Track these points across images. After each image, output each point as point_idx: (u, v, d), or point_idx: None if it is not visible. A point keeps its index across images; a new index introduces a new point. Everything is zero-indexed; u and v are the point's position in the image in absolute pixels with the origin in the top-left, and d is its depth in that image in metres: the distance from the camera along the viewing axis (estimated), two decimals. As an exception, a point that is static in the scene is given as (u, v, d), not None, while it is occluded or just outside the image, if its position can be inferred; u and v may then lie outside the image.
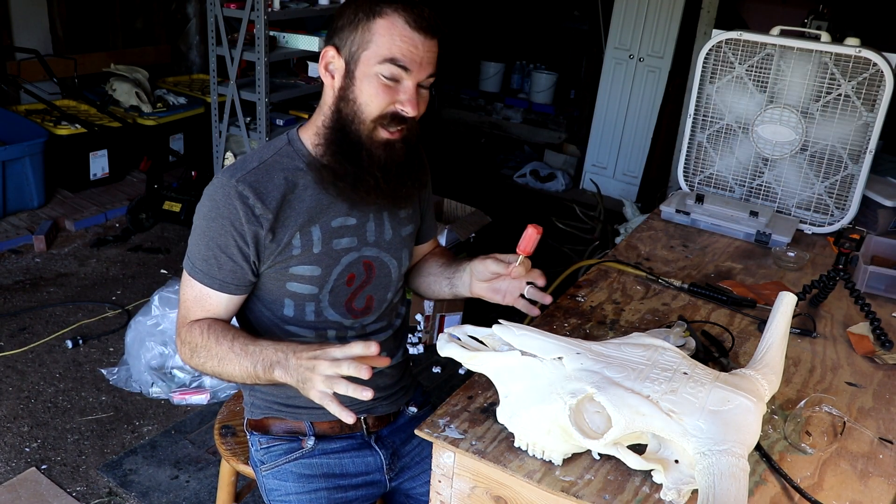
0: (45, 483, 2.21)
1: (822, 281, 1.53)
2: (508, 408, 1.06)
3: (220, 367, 1.19)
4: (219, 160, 3.48)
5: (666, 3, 4.65)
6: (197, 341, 1.21)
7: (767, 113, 1.97)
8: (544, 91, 6.16)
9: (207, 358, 1.20)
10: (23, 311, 3.10)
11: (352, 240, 1.29)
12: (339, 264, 1.29)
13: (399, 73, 1.18)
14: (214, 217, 1.21)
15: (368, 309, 1.36)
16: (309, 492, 1.36)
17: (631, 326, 1.44)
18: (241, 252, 1.21)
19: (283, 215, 1.23)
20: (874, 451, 1.12)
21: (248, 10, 3.09)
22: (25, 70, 4.27)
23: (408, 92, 1.19)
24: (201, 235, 1.22)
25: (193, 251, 1.24)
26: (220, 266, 1.22)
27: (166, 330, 2.69)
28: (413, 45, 1.17)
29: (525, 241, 1.24)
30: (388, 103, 1.19)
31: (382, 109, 1.20)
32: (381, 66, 1.17)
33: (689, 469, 0.96)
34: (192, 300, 1.25)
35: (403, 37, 1.16)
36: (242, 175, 1.21)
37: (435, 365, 2.94)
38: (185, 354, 1.24)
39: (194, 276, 1.23)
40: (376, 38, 1.17)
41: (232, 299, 1.25)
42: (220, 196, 1.21)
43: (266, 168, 1.24)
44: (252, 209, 1.20)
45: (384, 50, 1.17)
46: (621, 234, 3.77)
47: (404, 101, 1.19)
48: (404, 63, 1.17)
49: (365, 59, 1.18)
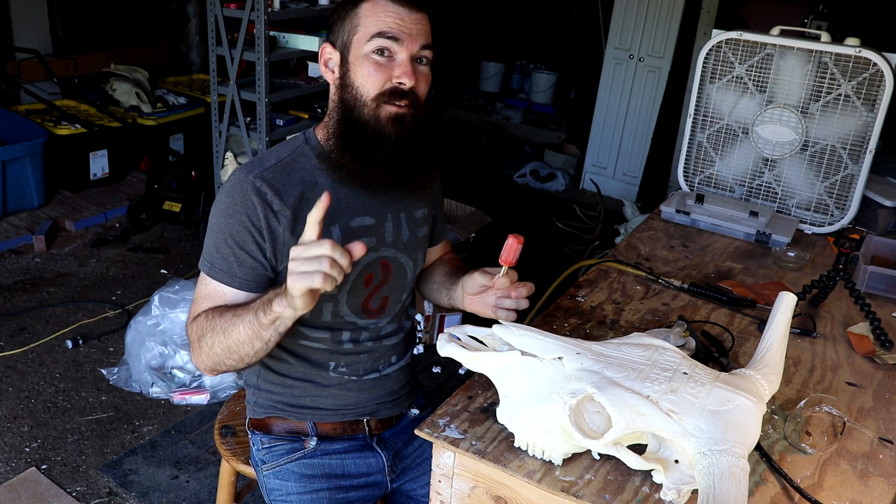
0: (45, 483, 2.21)
1: (822, 281, 1.53)
2: (508, 408, 1.06)
3: (227, 339, 1.13)
4: (219, 160, 3.48)
5: (666, 3, 4.65)
6: (203, 327, 1.17)
7: (767, 113, 1.97)
8: (544, 91, 6.17)
9: (213, 336, 1.15)
10: (23, 311, 3.10)
11: (370, 240, 1.28)
12: (358, 264, 1.27)
13: (390, 46, 1.18)
14: (232, 213, 1.19)
15: (383, 309, 1.36)
16: (310, 492, 1.36)
17: (631, 326, 1.44)
18: (259, 248, 1.20)
19: (302, 214, 1.21)
20: (874, 451, 1.12)
21: (248, 10, 3.09)
22: (25, 70, 4.27)
23: (402, 65, 1.19)
24: (218, 233, 1.21)
25: (211, 250, 1.21)
26: (239, 263, 1.20)
27: (166, 330, 2.69)
28: (399, 17, 1.18)
29: (506, 252, 1.22)
30: (384, 79, 1.19)
31: (380, 87, 1.19)
32: (371, 44, 1.18)
33: (689, 469, 0.96)
34: (205, 297, 1.22)
35: (387, 12, 1.18)
36: (260, 172, 1.21)
37: (435, 365, 2.94)
38: (194, 354, 1.20)
39: (213, 275, 1.21)
40: (363, 20, 1.19)
41: (248, 297, 1.23)
42: (238, 192, 1.20)
43: (283, 166, 1.23)
44: (270, 205, 1.19)
45: (371, 28, 1.18)
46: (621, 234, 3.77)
47: (400, 73, 1.19)
48: (392, 33, 1.18)
49: (356, 42, 1.20)
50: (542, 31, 6.64)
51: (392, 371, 1.41)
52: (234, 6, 3.20)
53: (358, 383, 1.36)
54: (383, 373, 1.39)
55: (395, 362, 1.41)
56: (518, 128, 6.17)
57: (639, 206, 4.30)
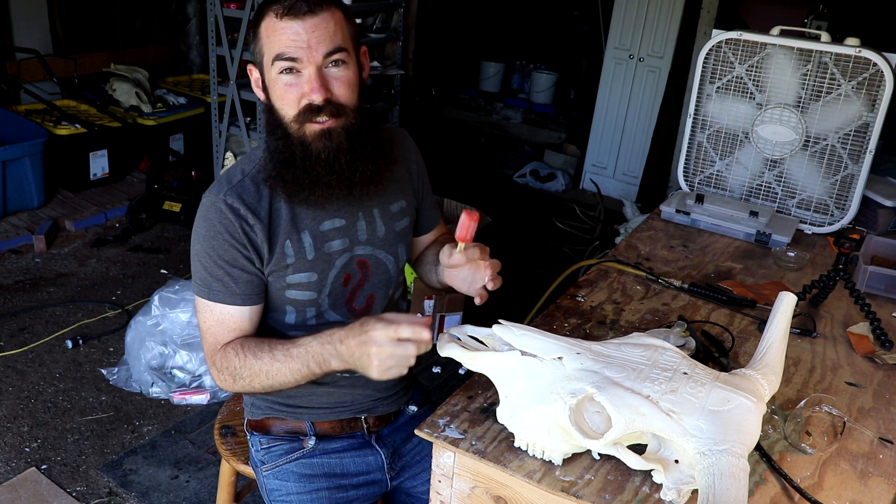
0: (45, 483, 2.21)
1: (822, 281, 1.53)
2: (508, 408, 1.06)
3: (270, 381, 1.19)
4: (219, 160, 3.48)
5: (666, 3, 4.65)
6: (235, 365, 1.20)
7: (767, 113, 1.97)
8: (544, 91, 6.16)
9: (253, 377, 1.20)
10: (23, 311, 3.10)
11: (343, 241, 1.29)
12: (333, 267, 1.29)
13: (293, 66, 1.16)
14: (213, 236, 1.21)
15: (370, 308, 1.36)
16: (310, 491, 1.36)
17: (631, 326, 1.44)
18: (249, 261, 1.22)
19: (274, 224, 1.24)
20: (874, 451, 1.12)
21: (248, 10, 3.09)
22: (25, 70, 4.27)
23: (310, 81, 1.17)
24: (206, 257, 1.22)
25: (203, 276, 1.23)
26: (235, 281, 1.22)
27: (166, 330, 2.69)
28: (292, 32, 1.15)
29: (461, 229, 1.20)
30: (297, 98, 1.18)
31: (296, 107, 1.19)
32: (275, 66, 1.17)
33: (689, 469, 0.96)
34: (217, 324, 1.24)
35: (279, 30, 1.15)
36: (229, 189, 1.22)
37: (435, 365, 2.94)
38: (225, 381, 1.23)
39: (214, 298, 1.23)
40: (264, 41, 1.18)
41: (254, 310, 1.26)
42: (213, 213, 1.21)
43: (251, 179, 1.25)
44: (245, 219, 1.21)
45: (270, 50, 1.17)
46: (621, 234, 3.77)
47: (308, 90, 1.17)
48: (289, 54, 1.15)
49: (266, 65, 1.19)
50: (542, 31, 6.64)
51: None
52: (234, 6, 3.20)
53: (351, 380, 1.37)
54: None
55: None
56: (518, 128, 6.17)
57: (639, 206, 4.31)
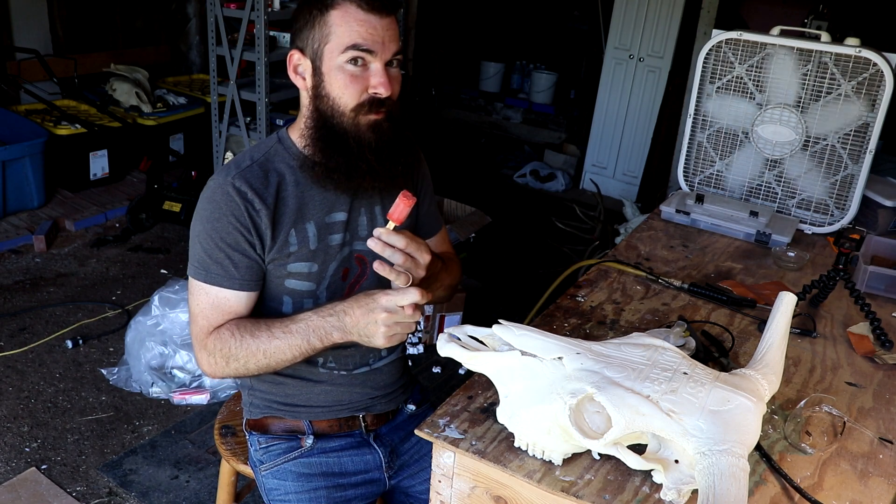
0: (45, 483, 2.21)
1: (822, 281, 1.53)
2: (508, 408, 1.06)
3: (267, 360, 1.19)
4: (219, 160, 3.48)
5: (666, 3, 4.65)
6: (230, 346, 1.20)
7: (767, 113, 1.97)
8: (544, 91, 6.17)
9: (248, 358, 1.19)
10: (23, 311, 3.10)
11: (343, 235, 1.30)
12: (334, 260, 1.30)
13: (364, 57, 1.18)
14: (218, 217, 1.21)
15: None
16: (308, 491, 1.36)
17: (631, 326, 1.44)
18: (251, 246, 1.22)
19: (279, 212, 1.24)
20: (874, 451, 1.12)
21: (248, 10, 3.09)
22: (25, 70, 4.27)
23: (378, 75, 1.19)
24: (207, 239, 1.21)
25: (201, 257, 1.22)
26: (235, 265, 1.22)
27: (166, 330, 2.69)
28: (371, 26, 1.17)
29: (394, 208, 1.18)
30: (360, 91, 1.20)
31: (358, 98, 1.20)
32: (346, 55, 1.18)
33: (689, 469, 0.96)
34: (210, 307, 1.23)
35: (359, 21, 1.17)
36: (238, 172, 1.22)
37: (435, 365, 2.94)
38: (216, 365, 1.22)
39: (210, 281, 1.22)
40: (334, 29, 1.18)
41: (250, 296, 1.25)
42: (220, 195, 1.21)
43: (259, 165, 1.25)
44: (252, 203, 1.21)
45: (344, 38, 1.17)
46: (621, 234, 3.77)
47: (376, 84, 1.19)
48: (367, 46, 1.17)
49: (328, 52, 1.19)
50: (542, 31, 6.64)
51: (383, 365, 1.41)
52: (234, 6, 3.20)
53: (349, 378, 1.37)
54: (374, 366, 1.40)
55: (386, 356, 1.42)
56: (518, 128, 6.18)
57: (639, 206, 4.31)
